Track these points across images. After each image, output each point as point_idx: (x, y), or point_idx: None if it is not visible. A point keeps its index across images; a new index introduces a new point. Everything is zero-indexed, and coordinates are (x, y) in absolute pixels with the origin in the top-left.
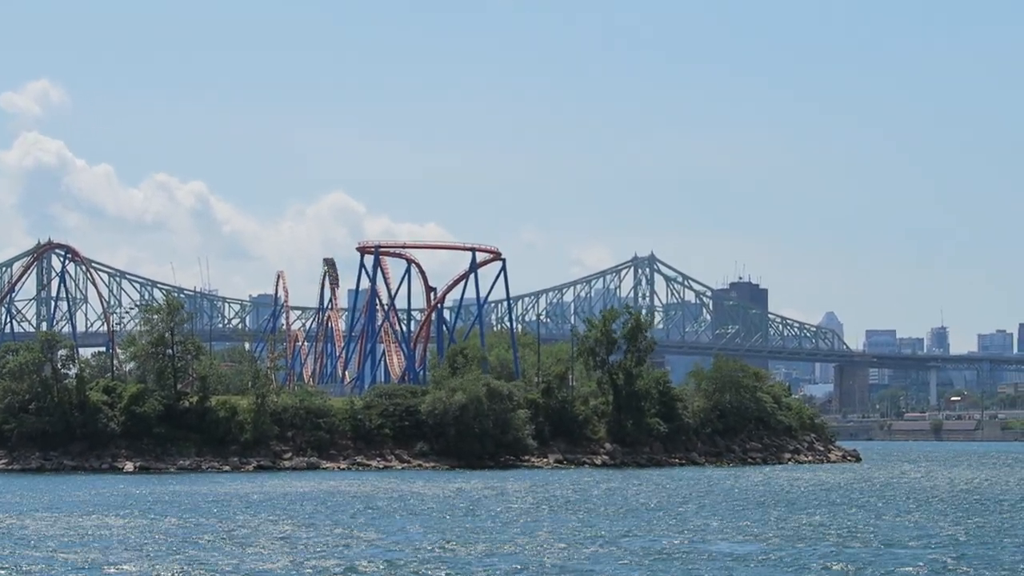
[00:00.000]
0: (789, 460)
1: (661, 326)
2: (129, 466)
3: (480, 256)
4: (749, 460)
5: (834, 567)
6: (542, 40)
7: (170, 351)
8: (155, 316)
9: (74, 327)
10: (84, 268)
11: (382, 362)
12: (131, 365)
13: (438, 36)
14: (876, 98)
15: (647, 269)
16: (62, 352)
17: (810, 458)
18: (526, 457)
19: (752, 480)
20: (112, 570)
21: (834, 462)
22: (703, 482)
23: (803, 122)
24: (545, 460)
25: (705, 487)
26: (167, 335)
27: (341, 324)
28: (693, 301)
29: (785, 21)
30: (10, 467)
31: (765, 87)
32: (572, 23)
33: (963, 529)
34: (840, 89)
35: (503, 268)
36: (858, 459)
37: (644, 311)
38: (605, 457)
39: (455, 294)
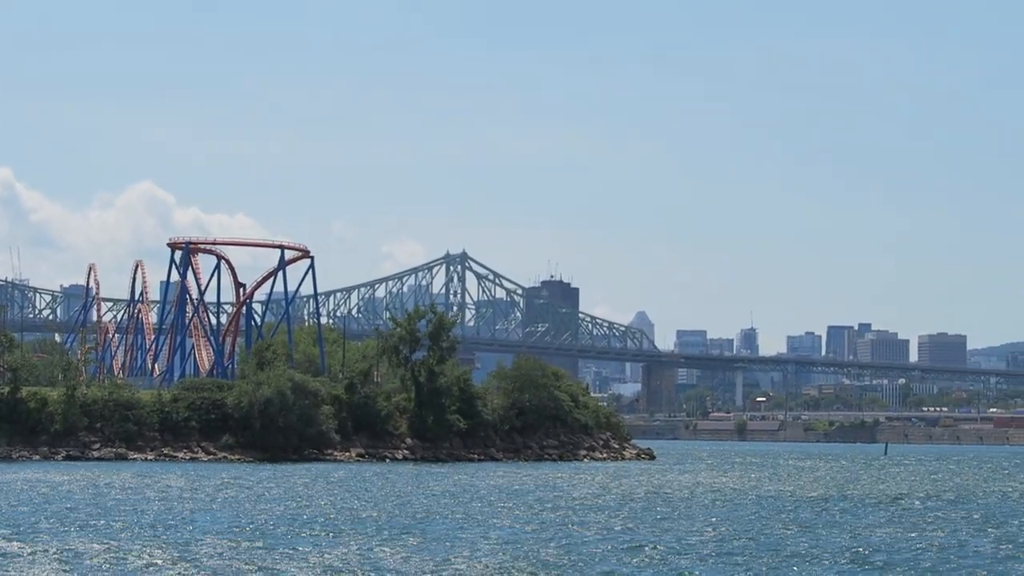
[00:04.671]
0: (585, 457)
1: (472, 323)
2: None
3: (289, 253)
4: (546, 456)
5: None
6: (358, 30)
7: None
8: None
9: None
10: None
11: (191, 356)
12: None
13: (247, 24)
14: (697, 96)
15: (459, 266)
16: None
17: (605, 455)
18: (329, 451)
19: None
20: None
21: (628, 459)
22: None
23: (620, 117)
24: (347, 454)
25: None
26: None
27: (152, 317)
28: (504, 299)
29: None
30: None
31: (578, 78)
32: (391, 12)
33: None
34: (659, 85)
35: (311, 266)
36: (652, 457)
37: (455, 308)
38: (406, 451)
39: (265, 288)
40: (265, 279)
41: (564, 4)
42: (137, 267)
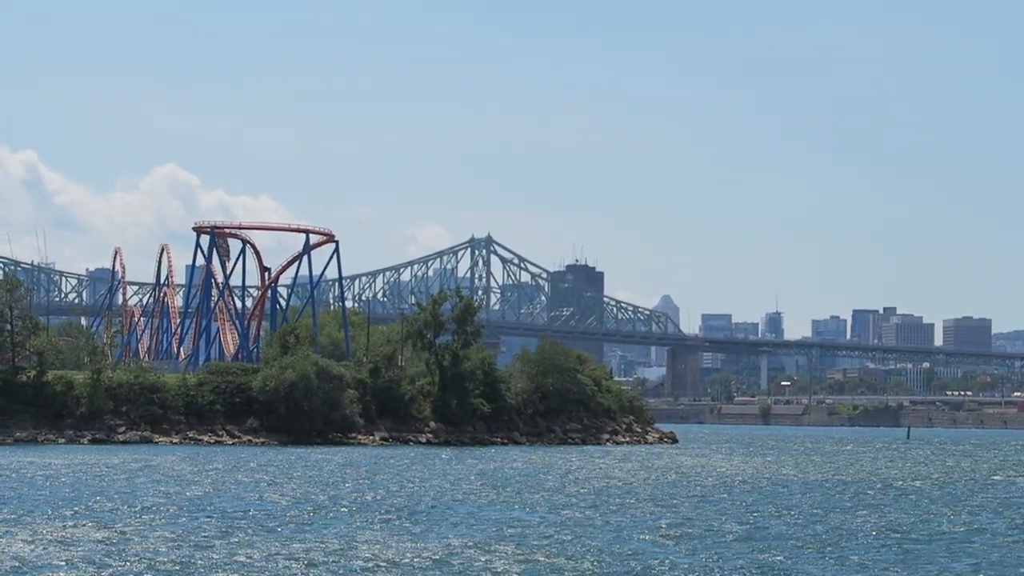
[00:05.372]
0: (607, 441)
1: (497, 307)
2: None
3: (314, 238)
4: (569, 440)
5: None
6: (380, 16)
7: (9, 326)
8: None
9: None
10: None
11: (217, 340)
12: None
13: (276, 11)
14: (721, 80)
15: (484, 250)
16: None
17: (628, 439)
18: (353, 435)
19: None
20: None
21: (651, 443)
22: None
23: (645, 103)
24: (371, 438)
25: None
26: (6, 311)
27: (177, 301)
28: (530, 283)
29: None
30: None
31: (603, 64)
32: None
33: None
34: (681, 70)
35: (336, 250)
36: (675, 441)
37: (480, 292)
38: (430, 435)
39: (290, 273)
40: (290, 263)
41: None
42: (163, 251)
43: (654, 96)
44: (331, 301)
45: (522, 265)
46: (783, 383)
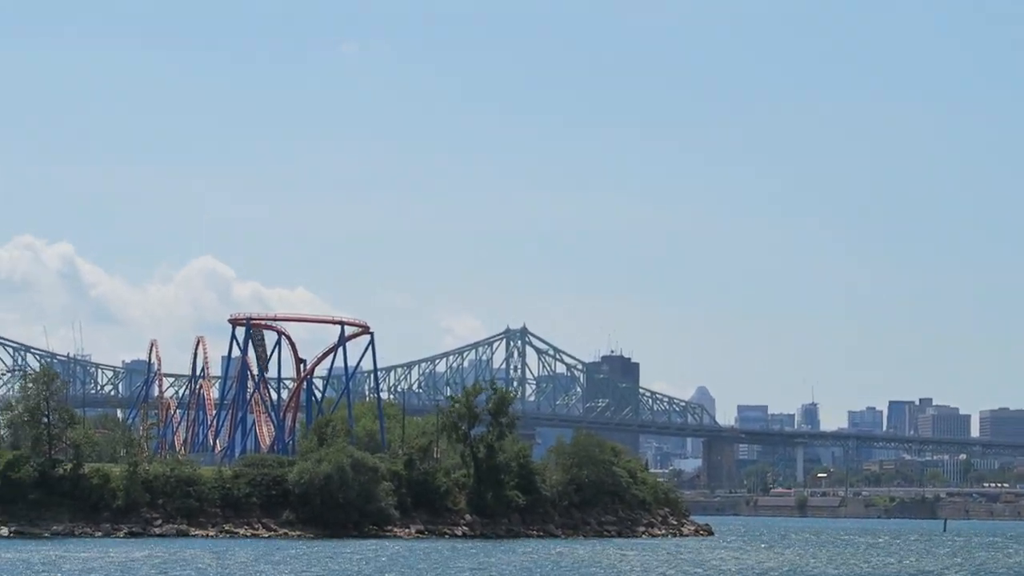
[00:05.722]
0: (643, 533)
1: (533, 398)
2: (4, 530)
3: (348, 329)
4: (604, 533)
5: None
6: (405, 100)
7: (45, 419)
8: (31, 385)
9: None
10: None
11: (252, 432)
12: (5, 431)
13: (302, 93)
14: (750, 169)
15: (519, 341)
16: None
17: (663, 531)
18: (388, 527)
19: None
20: None
21: (686, 536)
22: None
23: (678, 193)
24: (407, 530)
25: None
26: (42, 404)
27: (213, 392)
28: (565, 374)
29: (651, 78)
30: None
31: (639, 153)
32: (438, 80)
33: None
34: (716, 160)
35: (371, 342)
36: (710, 533)
37: (515, 383)
38: (465, 528)
39: (326, 364)
40: (325, 355)
41: (610, 69)
42: (198, 343)
43: (688, 185)
44: (366, 392)
45: (557, 356)
46: (819, 475)
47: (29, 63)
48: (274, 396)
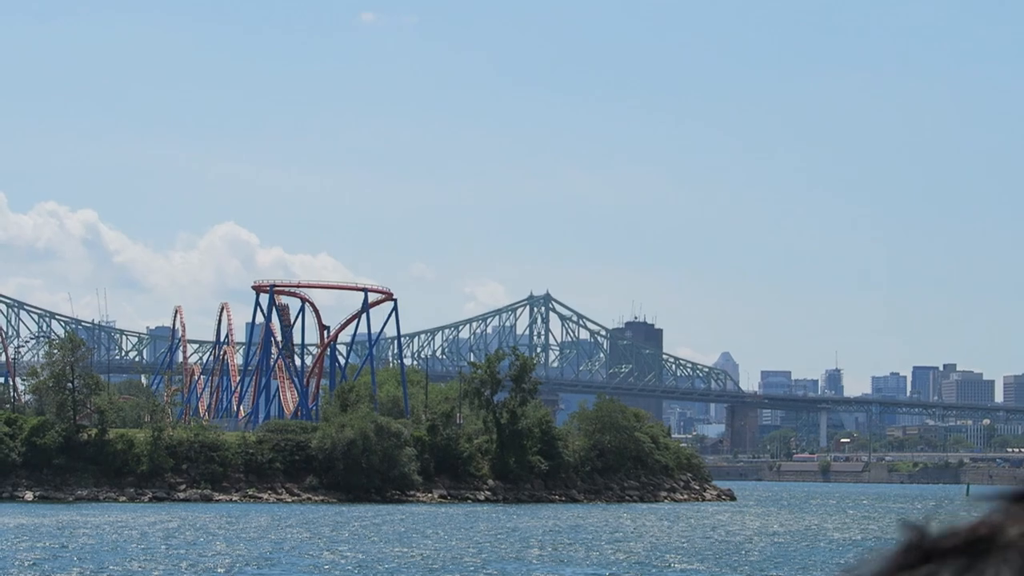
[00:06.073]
0: (665, 498)
1: (556, 364)
2: (29, 495)
3: (372, 296)
4: (627, 498)
5: None
6: (432, 71)
7: (70, 385)
8: (56, 351)
9: None
10: None
11: (276, 398)
12: (30, 397)
13: (326, 61)
14: (772, 135)
15: (543, 308)
16: None
17: (686, 496)
18: (411, 492)
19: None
20: None
21: (708, 500)
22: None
23: (702, 157)
24: (430, 495)
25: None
26: (67, 370)
27: (237, 359)
28: (588, 340)
29: (675, 53)
30: None
31: (660, 123)
32: (463, 54)
33: None
34: (736, 125)
35: (395, 308)
36: (733, 498)
37: (539, 349)
38: (488, 493)
39: (349, 330)
40: (349, 321)
41: (637, 46)
42: (222, 309)
43: (714, 152)
44: (390, 359)
45: (581, 322)
46: (843, 440)
47: (52, 35)
48: (298, 362)
